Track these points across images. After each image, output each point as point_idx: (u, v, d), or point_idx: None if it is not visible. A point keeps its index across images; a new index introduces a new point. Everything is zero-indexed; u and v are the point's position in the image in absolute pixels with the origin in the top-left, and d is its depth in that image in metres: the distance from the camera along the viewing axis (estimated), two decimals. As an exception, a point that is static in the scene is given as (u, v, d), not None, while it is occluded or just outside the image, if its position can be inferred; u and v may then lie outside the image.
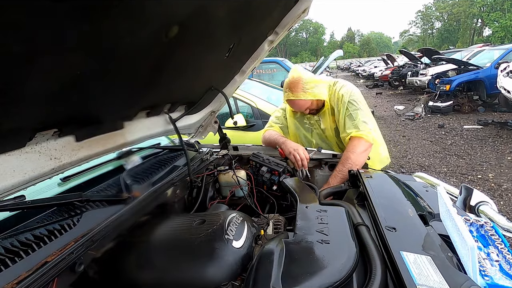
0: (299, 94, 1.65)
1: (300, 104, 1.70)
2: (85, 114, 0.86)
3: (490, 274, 0.69)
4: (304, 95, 1.66)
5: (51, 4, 0.46)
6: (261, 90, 4.08)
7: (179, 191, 1.30)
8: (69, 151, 0.88)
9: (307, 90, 1.66)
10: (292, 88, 1.66)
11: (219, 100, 1.60)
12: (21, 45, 0.50)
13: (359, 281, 0.71)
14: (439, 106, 7.74)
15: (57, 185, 1.17)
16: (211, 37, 0.97)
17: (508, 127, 5.71)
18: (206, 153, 1.60)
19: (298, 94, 1.65)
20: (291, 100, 1.70)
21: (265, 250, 0.78)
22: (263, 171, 1.46)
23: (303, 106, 1.71)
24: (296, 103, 1.71)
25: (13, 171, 0.73)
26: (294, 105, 1.74)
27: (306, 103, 1.69)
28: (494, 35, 40.11)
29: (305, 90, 1.66)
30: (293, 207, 1.16)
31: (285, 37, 16.27)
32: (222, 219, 0.92)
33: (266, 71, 7.52)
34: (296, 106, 1.74)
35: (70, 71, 0.64)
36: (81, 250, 0.74)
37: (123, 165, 1.40)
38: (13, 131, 0.68)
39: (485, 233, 0.84)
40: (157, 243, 0.91)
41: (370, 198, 1.04)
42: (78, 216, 0.86)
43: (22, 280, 0.61)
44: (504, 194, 3.38)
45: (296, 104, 1.71)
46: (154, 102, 1.16)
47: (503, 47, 8.90)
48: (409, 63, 12.33)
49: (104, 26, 0.59)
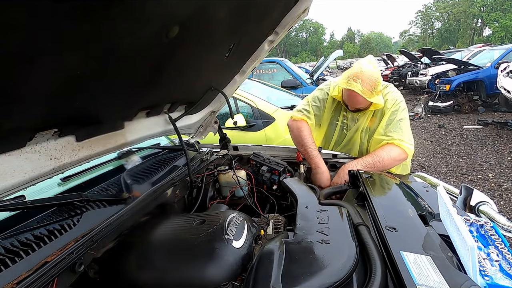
0: (367, 92, 1.48)
1: (360, 100, 1.53)
2: (85, 114, 0.86)
3: (490, 274, 0.69)
4: (370, 95, 1.49)
5: (51, 4, 0.46)
6: (261, 90, 4.08)
7: (179, 191, 1.30)
8: (69, 151, 0.88)
9: (374, 92, 1.50)
10: (364, 80, 1.47)
11: (219, 100, 1.60)
12: (21, 45, 0.50)
13: (359, 281, 0.71)
14: (439, 106, 7.75)
15: (57, 185, 1.17)
16: (211, 37, 0.97)
17: (508, 127, 5.71)
18: (206, 153, 1.60)
19: (367, 92, 1.47)
20: (354, 92, 1.48)
21: (265, 250, 0.78)
22: (263, 170, 1.46)
23: (361, 104, 1.56)
24: (357, 97, 1.51)
25: (13, 171, 0.73)
26: (354, 98, 1.53)
27: (364, 103, 1.55)
28: (494, 35, 40.09)
29: (374, 91, 1.49)
30: (293, 207, 1.16)
31: (285, 37, 16.26)
32: (222, 219, 0.92)
33: (266, 71, 7.51)
34: (354, 99, 1.54)
35: (70, 71, 0.64)
36: (81, 250, 0.74)
37: (123, 165, 1.40)
38: (13, 131, 0.68)
39: (485, 233, 0.84)
40: (157, 243, 0.91)
41: (370, 198, 1.04)
42: (78, 216, 0.86)
43: (22, 280, 0.61)
44: (504, 194, 3.38)
45: (356, 98, 1.52)
46: (154, 102, 1.16)
47: (503, 47, 8.91)
48: (409, 63, 12.34)
49: (104, 26, 0.59)
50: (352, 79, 1.49)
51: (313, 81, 6.94)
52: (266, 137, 3.04)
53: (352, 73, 1.51)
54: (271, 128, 3.07)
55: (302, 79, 6.70)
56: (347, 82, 1.51)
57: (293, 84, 6.33)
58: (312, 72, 8.16)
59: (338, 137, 1.76)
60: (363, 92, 1.47)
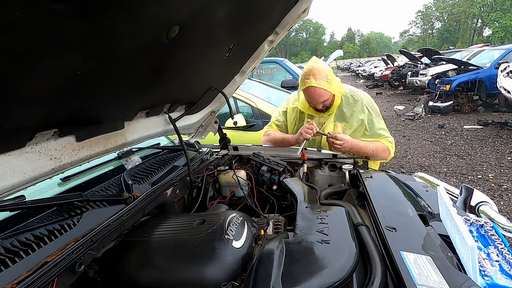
0: (322, 83, 1.57)
1: (321, 93, 1.60)
2: (85, 114, 0.86)
3: (490, 274, 0.69)
4: (326, 85, 1.58)
5: (51, 5, 0.46)
6: (261, 90, 4.08)
7: (179, 191, 1.30)
8: (69, 151, 0.88)
9: (330, 81, 1.59)
10: (316, 74, 1.57)
11: (219, 100, 1.60)
12: (21, 45, 0.50)
13: (359, 281, 0.71)
14: (439, 106, 7.75)
15: (57, 185, 1.17)
16: (211, 37, 0.97)
17: (508, 127, 5.71)
18: (206, 153, 1.60)
19: (322, 82, 1.57)
20: (311, 87, 1.58)
21: (265, 250, 0.78)
22: (263, 170, 1.46)
23: (323, 96, 1.62)
24: (317, 91, 1.60)
25: (13, 171, 0.73)
26: (314, 93, 1.61)
27: (326, 94, 1.62)
28: (494, 35, 40.13)
29: (328, 80, 1.59)
30: (293, 207, 1.16)
31: (285, 37, 16.24)
32: (222, 219, 0.92)
33: (266, 71, 7.50)
34: (315, 95, 1.62)
35: (70, 71, 0.64)
36: (81, 250, 0.74)
37: (124, 165, 1.40)
38: (13, 131, 0.68)
39: (485, 233, 0.84)
40: (157, 243, 0.91)
41: (370, 198, 1.04)
42: (78, 216, 0.86)
43: (22, 280, 0.61)
44: (504, 194, 3.38)
45: (317, 92, 1.60)
46: (154, 102, 1.16)
47: (503, 47, 8.91)
48: (409, 63, 12.33)
49: (104, 26, 0.59)
50: (305, 78, 1.61)
51: (313, 81, 6.92)
52: (266, 137, 3.04)
53: (303, 74, 1.64)
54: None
55: (302, 79, 6.68)
56: (302, 83, 1.63)
57: (293, 84, 6.31)
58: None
59: (310, 142, 1.81)
60: (319, 84, 1.57)
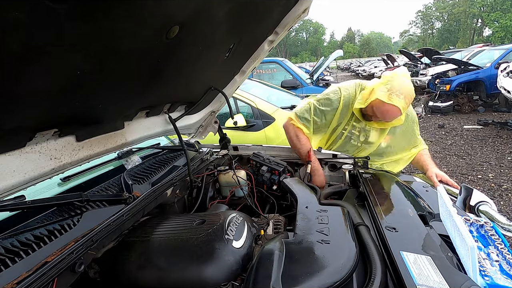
0: (406, 107, 1.44)
1: (397, 115, 1.46)
2: (85, 114, 0.86)
3: (490, 274, 0.69)
4: (406, 108, 1.45)
5: (51, 5, 0.46)
6: (261, 90, 4.08)
7: (179, 191, 1.30)
8: (69, 151, 0.88)
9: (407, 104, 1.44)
10: (407, 97, 1.41)
11: (219, 100, 1.60)
12: (21, 45, 0.50)
13: (359, 281, 0.71)
14: (439, 106, 7.74)
15: (57, 185, 1.17)
16: (211, 37, 0.97)
17: (508, 127, 5.71)
18: (206, 153, 1.60)
19: (406, 107, 1.44)
20: (395, 107, 1.40)
21: (265, 250, 0.78)
22: (263, 170, 1.46)
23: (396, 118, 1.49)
24: (395, 112, 1.43)
25: (13, 171, 0.73)
26: (392, 113, 1.44)
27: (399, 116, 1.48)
28: (494, 35, 40.11)
29: (408, 103, 1.45)
30: (293, 207, 1.16)
31: (285, 37, 16.26)
32: (222, 219, 0.92)
33: (266, 71, 7.51)
34: (392, 114, 1.45)
35: (70, 71, 0.64)
36: (81, 250, 0.74)
37: (124, 164, 1.40)
38: (13, 131, 0.68)
39: (485, 233, 0.84)
40: (157, 243, 0.91)
41: (370, 198, 1.04)
42: (78, 216, 0.86)
43: (22, 280, 0.61)
44: (504, 194, 3.38)
45: (395, 114, 1.44)
46: (154, 102, 1.16)
47: (503, 47, 8.90)
48: (409, 63, 12.31)
49: (104, 26, 0.59)
50: (396, 94, 1.39)
51: (313, 81, 6.94)
52: (266, 137, 3.05)
53: (394, 87, 1.41)
54: (271, 128, 3.07)
55: (302, 79, 6.71)
56: (388, 97, 1.40)
57: (293, 84, 6.33)
58: (312, 72, 8.17)
59: (342, 146, 1.74)
60: (404, 109, 1.42)
